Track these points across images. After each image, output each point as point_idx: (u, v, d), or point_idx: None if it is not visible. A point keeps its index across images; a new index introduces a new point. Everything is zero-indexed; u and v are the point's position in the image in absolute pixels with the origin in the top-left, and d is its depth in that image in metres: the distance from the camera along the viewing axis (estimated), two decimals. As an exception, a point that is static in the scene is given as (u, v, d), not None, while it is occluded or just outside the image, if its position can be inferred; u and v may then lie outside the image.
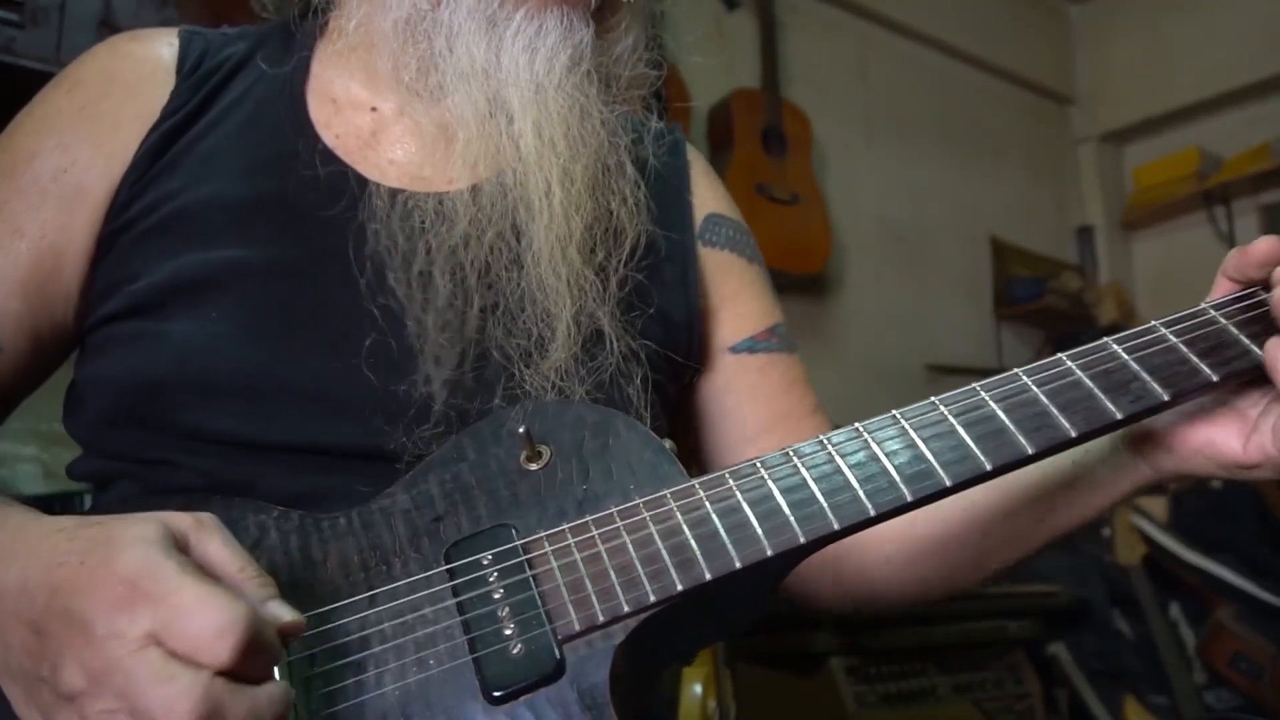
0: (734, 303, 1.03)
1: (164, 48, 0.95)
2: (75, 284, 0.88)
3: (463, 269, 0.86)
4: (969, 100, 4.45)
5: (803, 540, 0.68)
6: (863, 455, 0.71)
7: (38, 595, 0.59)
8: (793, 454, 0.72)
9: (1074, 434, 0.71)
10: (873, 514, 0.68)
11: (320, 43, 0.98)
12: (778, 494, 0.70)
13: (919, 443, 0.71)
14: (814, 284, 3.62)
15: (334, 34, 0.98)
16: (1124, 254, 4.74)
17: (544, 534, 0.71)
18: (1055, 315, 4.25)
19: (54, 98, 0.94)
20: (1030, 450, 0.70)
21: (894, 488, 0.69)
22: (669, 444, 0.77)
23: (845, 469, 0.71)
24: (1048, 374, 0.74)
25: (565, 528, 0.71)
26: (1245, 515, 3.26)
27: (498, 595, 0.68)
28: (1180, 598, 3.29)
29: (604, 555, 0.69)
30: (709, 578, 0.67)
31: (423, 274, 0.85)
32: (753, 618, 0.77)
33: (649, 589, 0.67)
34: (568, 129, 0.90)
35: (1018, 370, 0.75)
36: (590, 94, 0.92)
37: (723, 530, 0.68)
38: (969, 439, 0.71)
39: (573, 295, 0.86)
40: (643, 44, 1.00)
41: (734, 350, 1.02)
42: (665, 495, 0.71)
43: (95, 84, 0.93)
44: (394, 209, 0.88)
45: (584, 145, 0.90)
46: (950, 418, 0.72)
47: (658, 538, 0.69)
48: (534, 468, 0.75)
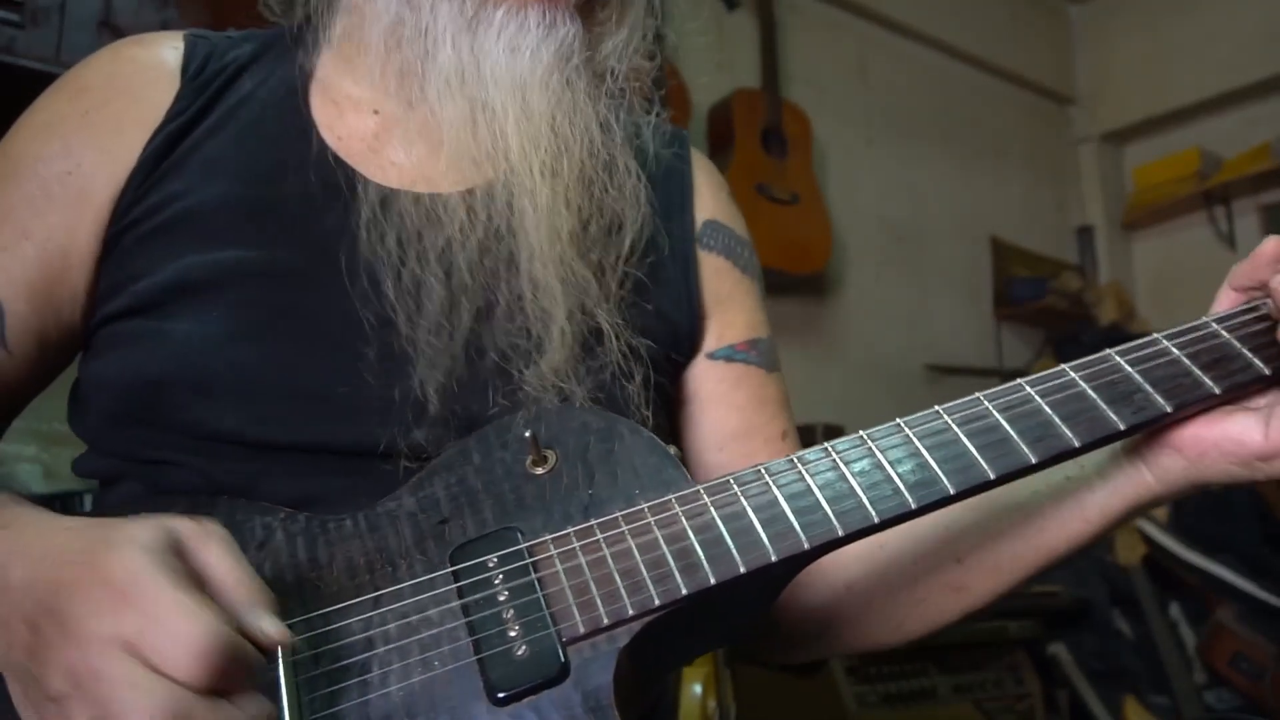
0: (721, 309, 1.02)
1: (168, 51, 0.95)
2: (82, 285, 0.88)
3: (456, 271, 0.86)
4: (969, 100, 4.46)
5: (807, 546, 0.68)
6: (867, 463, 0.72)
7: (38, 593, 0.60)
8: (797, 461, 0.73)
9: (1077, 444, 0.71)
10: (876, 520, 0.69)
11: (324, 46, 0.99)
12: (782, 500, 0.70)
13: (923, 451, 0.72)
14: (814, 284, 3.63)
15: (336, 38, 0.98)
16: (1124, 254, 4.74)
17: (549, 537, 0.71)
18: (1055, 315, 4.25)
19: (58, 102, 0.93)
20: (1033, 459, 0.71)
21: (898, 494, 0.70)
22: (673, 450, 0.78)
23: (850, 476, 0.71)
24: (1051, 384, 0.75)
25: (570, 531, 0.71)
26: (1245, 515, 3.26)
27: (503, 597, 0.68)
28: (1180, 598, 3.29)
29: (609, 559, 0.69)
30: (713, 582, 0.67)
31: (415, 277, 0.85)
32: (756, 624, 0.77)
33: (653, 592, 0.67)
34: (554, 126, 0.89)
35: (1021, 380, 0.75)
36: (580, 89, 0.91)
37: (727, 535, 0.69)
38: (973, 448, 0.72)
39: (567, 293, 0.86)
40: (639, 35, 0.98)
41: (711, 356, 1.01)
42: (670, 500, 0.72)
43: (99, 88, 0.93)
44: (390, 211, 0.88)
45: (573, 141, 0.90)
46: (954, 426, 0.73)
47: (662, 542, 0.69)
48: (539, 472, 0.76)
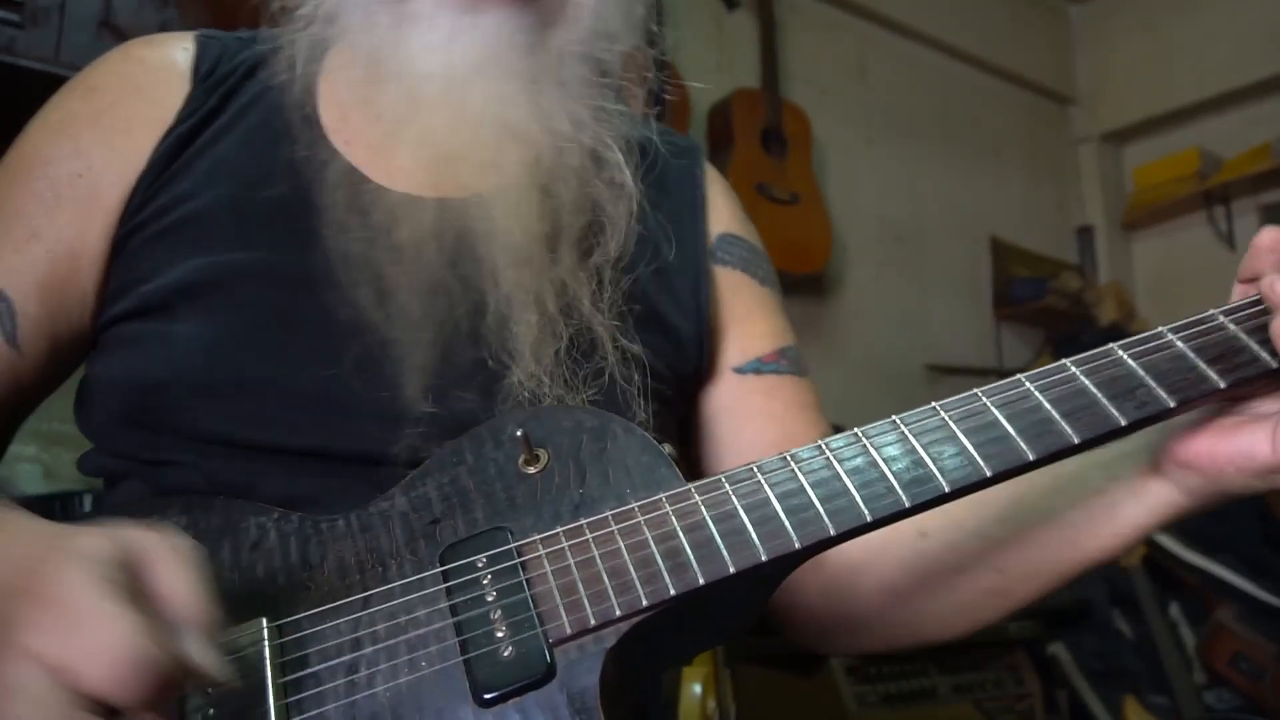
0: (743, 323, 1.02)
1: (179, 52, 0.95)
2: (91, 286, 0.88)
3: (436, 276, 0.86)
4: (969, 100, 4.46)
5: (798, 545, 0.67)
6: (861, 461, 0.70)
7: None
8: (790, 459, 0.71)
9: (1077, 440, 0.69)
10: (869, 520, 0.68)
11: (329, 49, 0.98)
12: (774, 499, 0.69)
13: (919, 449, 0.70)
14: (814, 284, 3.63)
15: (337, 41, 0.98)
16: (1124, 254, 4.74)
17: (538, 537, 0.71)
18: (1055, 315, 4.25)
19: (69, 102, 0.94)
20: (1031, 457, 0.69)
21: (892, 493, 0.68)
22: (668, 448, 0.77)
23: (843, 474, 0.70)
24: (1051, 379, 0.73)
25: (559, 531, 0.71)
26: (1245, 515, 3.26)
27: (491, 598, 0.68)
28: (1180, 598, 3.29)
29: (597, 559, 0.68)
30: (702, 582, 0.66)
31: (401, 282, 0.85)
32: (747, 625, 0.76)
33: (641, 592, 0.66)
34: (499, 122, 0.87)
35: (1021, 376, 0.73)
36: (530, 78, 0.89)
37: (717, 535, 0.68)
38: (970, 445, 0.70)
39: (539, 296, 0.85)
40: (616, 21, 0.94)
41: (739, 371, 1.00)
42: (661, 499, 0.71)
43: (110, 89, 0.93)
44: (391, 216, 0.88)
45: (530, 134, 0.88)
46: (951, 424, 0.71)
47: (652, 542, 0.68)
48: (531, 471, 0.75)
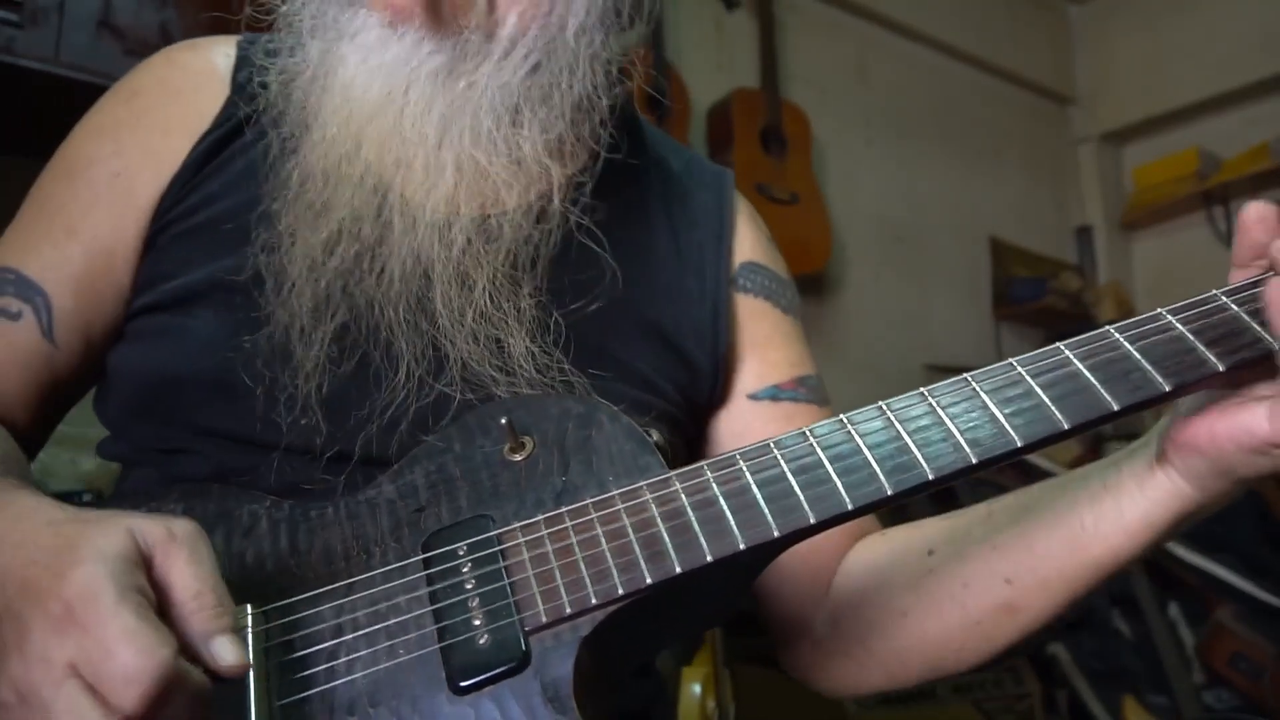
0: (763, 350, 1.02)
1: (220, 58, 0.97)
2: (126, 282, 0.91)
3: (416, 302, 0.86)
4: (969, 100, 4.45)
5: (777, 534, 0.66)
6: (845, 447, 0.69)
7: (7, 587, 0.60)
8: (773, 446, 0.70)
9: (1066, 426, 0.67)
10: (850, 508, 0.66)
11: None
12: (754, 487, 0.68)
13: (903, 434, 0.69)
14: (814, 284, 3.62)
15: None
16: (1124, 254, 4.74)
17: (518, 525, 0.71)
18: (1055, 315, 4.25)
19: (112, 106, 0.96)
20: (1019, 443, 0.67)
21: (874, 479, 0.67)
22: (655, 435, 0.77)
23: (826, 461, 0.68)
24: (1043, 364, 0.71)
25: (540, 519, 0.70)
26: (1245, 515, 3.26)
27: (470, 586, 0.68)
28: (1180, 598, 3.28)
29: (576, 547, 0.68)
30: (679, 570, 0.65)
31: (395, 302, 0.85)
32: (725, 615, 0.75)
33: (618, 581, 0.66)
34: (435, 140, 0.86)
35: (1012, 360, 0.71)
36: (464, 98, 0.86)
37: (696, 522, 0.67)
38: (956, 431, 0.68)
39: (467, 326, 0.85)
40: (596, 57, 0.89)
41: (754, 397, 1.00)
42: (641, 487, 0.70)
43: (151, 93, 0.95)
44: (399, 224, 0.88)
45: (466, 153, 0.86)
46: (938, 409, 0.70)
47: (630, 530, 0.68)
48: (516, 459, 0.75)
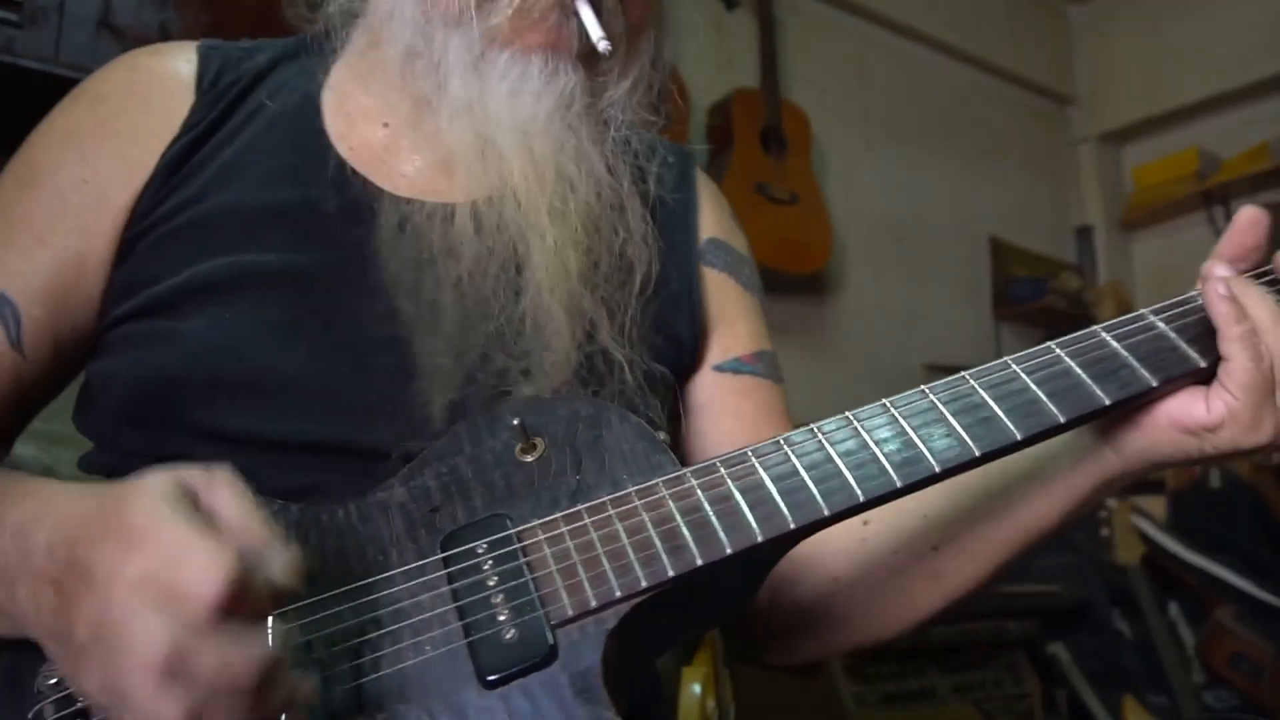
0: (726, 323, 1.05)
1: (182, 63, 0.97)
2: (97, 290, 0.90)
3: (465, 293, 0.88)
4: (969, 100, 4.46)
5: (793, 525, 0.69)
6: (853, 443, 0.72)
7: (59, 553, 0.61)
8: (784, 442, 0.73)
9: (1062, 419, 0.72)
10: (862, 499, 0.70)
11: (338, 58, 1.01)
12: (768, 481, 0.71)
13: (909, 430, 0.72)
14: (813, 284, 3.63)
15: (351, 52, 1.01)
16: (1123, 254, 4.75)
17: (537, 522, 0.72)
18: (1055, 315, 4.25)
19: (75, 110, 0.96)
20: (1019, 436, 0.72)
21: (883, 474, 0.70)
22: (662, 436, 0.78)
23: (835, 456, 0.72)
24: (1036, 361, 0.75)
25: (558, 516, 0.72)
26: (1245, 515, 3.26)
27: (492, 582, 0.69)
28: (1180, 598, 3.29)
29: (596, 542, 0.70)
30: (700, 563, 0.67)
31: (428, 295, 0.87)
32: (743, 607, 0.77)
33: (641, 574, 0.68)
34: (558, 169, 0.91)
35: (1007, 359, 0.76)
36: (583, 135, 0.94)
37: (714, 517, 0.69)
38: (959, 426, 0.72)
39: (573, 326, 0.88)
40: (644, 86, 1.01)
41: (718, 369, 1.03)
42: (657, 484, 0.72)
43: (116, 97, 0.95)
44: (406, 223, 0.90)
45: (579, 184, 0.92)
46: (940, 405, 0.74)
47: (650, 524, 0.70)
48: (528, 459, 0.76)
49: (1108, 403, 0.73)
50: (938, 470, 0.70)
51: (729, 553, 0.68)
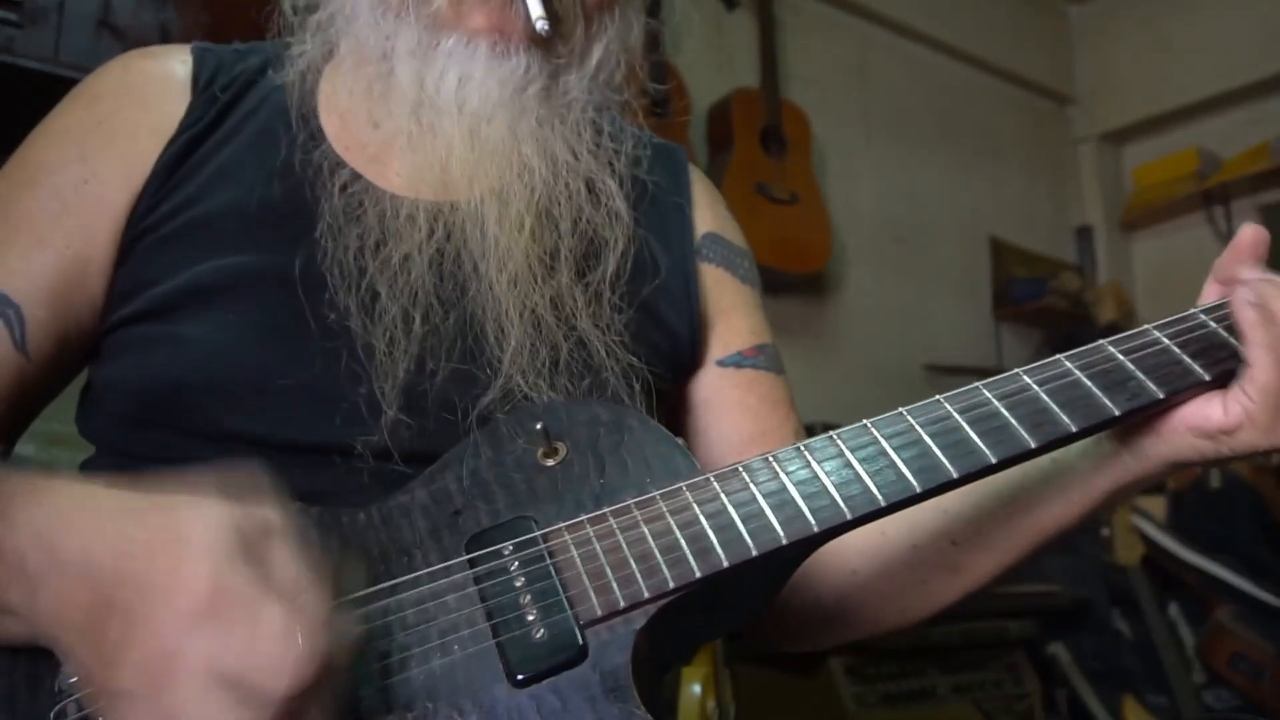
0: (726, 317, 1.05)
1: (178, 65, 0.97)
2: (100, 291, 0.90)
3: (417, 283, 0.88)
4: (969, 100, 4.47)
5: (815, 529, 0.70)
6: (871, 450, 0.74)
7: (97, 577, 0.59)
8: (804, 449, 0.75)
9: (1074, 429, 0.74)
10: (883, 504, 0.71)
11: (329, 61, 1.01)
12: (790, 486, 0.73)
13: (925, 438, 0.74)
14: (813, 284, 3.64)
15: (339, 54, 1.01)
16: (1123, 254, 4.76)
17: (563, 524, 0.73)
18: (1055, 315, 4.26)
19: (72, 111, 0.96)
20: (1032, 444, 0.74)
21: (902, 479, 0.72)
22: (682, 440, 0.79)
23: (855, 462, 0.74)
24: (1048, 374, 0.77)
25: (584, 518, 0.73)
26: (1245, 515, 3.27)
27: (519, 583, 0.70)
28: (1180, 598, 3.30)
29: (623, 544, 0.71)
30: (726, 564, 0.69)
31: (384, 287, 0.87)
32: (768, 604, 0.79)
33: (668, 575, 0.69)
34: (507, 153, 0.91)
35: (1019, 370, 0.78)
36: (538, 117, 0.94)
37: (738, 519, 0.71)
38: (974, 434, 0.74)
39: (524, 314, 0.88)
40: (610, 66, 1.00)
41: (721, 364, 1.04)
42: (681, 488, 0.74)
43: (112, 98, 0.95)
44: (384, 220, 0.90)
45: (536, 165, 0.92)
46: (955, 414, 0.76)
47: (675, 527, 0.71)
48: (551, 463, 0.77)
49: (1117, 413, 0.75)
50: (955, 476, 0.72)
51: (754, 555, 0.69)
